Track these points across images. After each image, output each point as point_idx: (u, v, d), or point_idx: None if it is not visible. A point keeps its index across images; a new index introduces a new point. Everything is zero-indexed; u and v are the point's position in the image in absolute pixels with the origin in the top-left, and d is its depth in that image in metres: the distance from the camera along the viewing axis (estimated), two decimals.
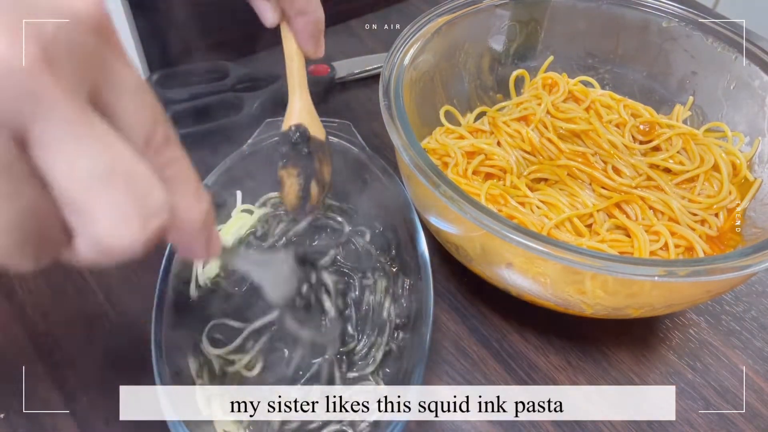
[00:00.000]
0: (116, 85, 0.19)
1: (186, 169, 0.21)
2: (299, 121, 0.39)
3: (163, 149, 0.20)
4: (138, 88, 0.20)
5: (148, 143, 0.20)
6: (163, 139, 0.20)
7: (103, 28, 0.18)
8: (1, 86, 0.16)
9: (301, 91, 0.40)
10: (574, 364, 0.45)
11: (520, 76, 0.58)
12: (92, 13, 0.18)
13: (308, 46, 0.39)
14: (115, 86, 0.19)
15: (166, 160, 0.20)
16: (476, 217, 0.36)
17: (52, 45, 0.17)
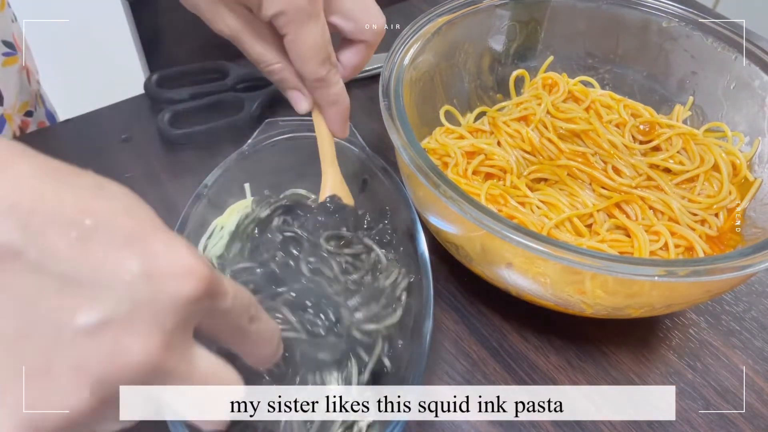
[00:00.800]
0: (216, 313, 0.24)
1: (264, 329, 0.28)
2: (333, 192, 0.45)
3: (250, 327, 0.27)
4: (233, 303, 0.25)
5: (238, 331, 0.27)
6: (248, 321, 0.27)
7: (209, 293, 0.23)
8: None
9: (332, 166, 0.45)
10: (574, 364, 0.45)
11: (520, 76, 0.58)
12: (200, 292, 0.22)
13: (338, 130, 0.45)
14: (215, 314, 0.24)
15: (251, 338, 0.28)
16: (476, 217, 0.36)
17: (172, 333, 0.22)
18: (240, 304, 0.26)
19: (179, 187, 0.55)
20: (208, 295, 0.23)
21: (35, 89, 0.67)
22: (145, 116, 0.60)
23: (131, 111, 0.61)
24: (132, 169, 0.56)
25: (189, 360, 0.23)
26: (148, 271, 0.21)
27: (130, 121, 0.60)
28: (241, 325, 0.26)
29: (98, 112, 0.61)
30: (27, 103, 0.64)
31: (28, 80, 0.65)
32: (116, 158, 0.57)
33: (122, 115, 0.61)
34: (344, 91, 0.43)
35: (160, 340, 0.21)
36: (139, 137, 0.59)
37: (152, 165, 0.56)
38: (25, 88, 0.64)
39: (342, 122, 0.44)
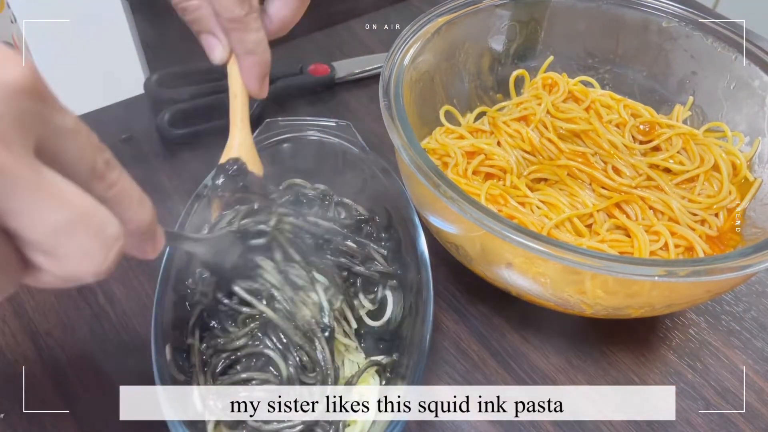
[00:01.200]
0: (56, 133, 0.21)
1: (128, 184, 0.25)
2: (238, 155, 0.41)
3: (106, 173, 0.23)
4: (75, 129, 0.22)
5: (93, 172, 0.23)
6: (104, 164, 0.23)
7: (36, 89, 0.20)
8: None
9: (242, 126, 0.41)
10: (574, 364, 0.45)
11: (520, 76, 0.58)
12: (25, 80, 0.20)
13: (253, 86, 0.40)
14: (56, 134, 0.21)
15: (110, 182, 0.23)
16: (476, 217, 0.36)
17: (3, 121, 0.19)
18: (87, 135, 0.23)
19: (179, 187, 0.55)
20: (36, 91, 0.20)
21: None
22: (145, 116, 0.60)
23: (131, 111, 0.61)
24: (132, 169, 0.55)
25: (35, 168, 0.20)
26: None
27: (130, 121, 0.60)
28: (96, 164, 0.23)
29: (98, 112, 0.61)
30: None
31: None
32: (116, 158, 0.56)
33: (122, 115, 0.61)
34: (265, 42, 0.39)
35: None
36: (139, 137, 0.59)
37: (152, 165, 0.56)
38: None
39: (258, 77, 0.40)
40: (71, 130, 0.22)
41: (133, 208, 0.25)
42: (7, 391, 0.41)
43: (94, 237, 0.21)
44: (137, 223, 0.25)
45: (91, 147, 0.23)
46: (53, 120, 0.21)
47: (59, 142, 0.21)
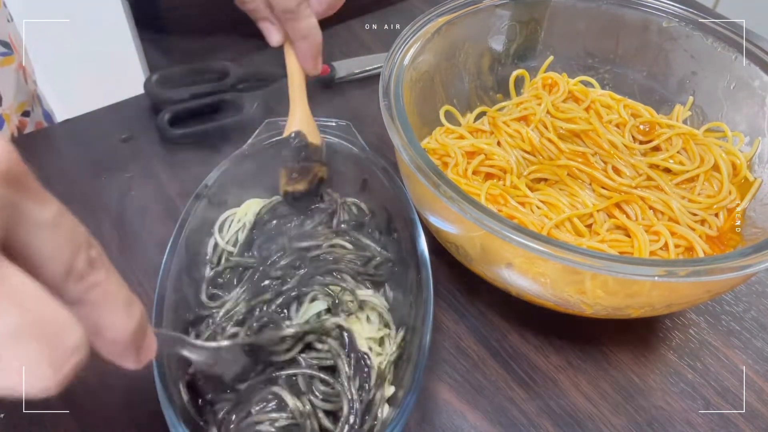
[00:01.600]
0: (31, 224, 0.19)
1: (113, 287, 0.21)
2: (299, 128, 0.45)
3: (87, 274, 0.20)
4: (55, 223, 0.20)
5: (69, 273, 0.20)
6: (86, 264, 0.20)
7: (13, 175, 0.18)
8: None
9: (301, 102, 0.46)
10: (574, 364, 0.45)
11: (520, 76, 0.58)
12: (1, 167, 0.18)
13: (309, 66, 0.45)
14: (30, 226, 0.19)
15: (89, 284, 0.21)
16: (476, 217, 0.36)
17: None
18: (69, 227, 0.20)
19: (179, 187, 0.55)
20: (12, 179, 0.18)
21: (32, 89, 0.67)
22: (145, 116, 0.60)
23: (131, 111, 0.61)
24: (132, 169, 0.56)
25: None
26: None
27: (130, 121, 0.60)
28: (75, 263, 0.20)
29: (98, 112, 0.61)
30: (24, 103, 0.64)
31: (25, 80, 0.65)
32: (116, 158, 0.57)
33: (122, 115, 0.61)
34: (316, 26, 0.43)
35: None
36: (139, 137, 0.59)
37: (152, 165, 0.56)
38: (23, 88, 0.63)
39: (313, 57, 0.44)
40: (49, 224, 0.19)
41: (115, 314, 0.22)
42: None
43: (46, 347, 0.18)
44: (118, 331, 0.22)
45: (71, 244, 0.20)
46: (28, 212, 0.19)
47: (32, 236, 0.19)
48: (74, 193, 0.53)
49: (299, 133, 0.45)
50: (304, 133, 0.45)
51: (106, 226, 0.51)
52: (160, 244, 0.50)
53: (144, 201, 0.53)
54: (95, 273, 0.21)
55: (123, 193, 0.54)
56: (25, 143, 0.59)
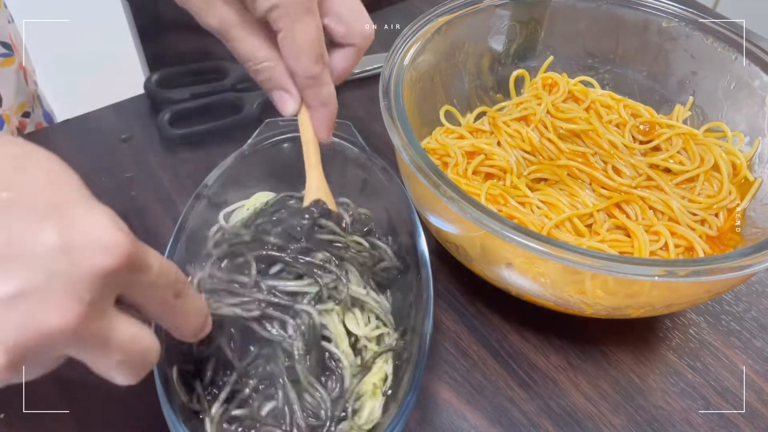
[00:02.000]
0: (138, 287, 0.26)
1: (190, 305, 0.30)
2: (318, 197, 0.44)
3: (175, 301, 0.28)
4: (157, 277, 0.26)
5: (162, 305, 0.28)
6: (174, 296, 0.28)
7: (128, 266, 0.24)
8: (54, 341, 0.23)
9: (318, 171, 0.44)
10: (574, 364, 0.45)
11: (520, 76, 0.58)
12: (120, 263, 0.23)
13: (324, 134, 0.44)
14: (137, 287, 0.26)
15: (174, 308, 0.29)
16: (476, 217, 0.36)
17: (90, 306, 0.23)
18: (165, 279, 0.27)
19: (179, 187, 0.55)
20: (128, 268, 0.24)
21: (33, 90, 0.67)
22: (145, 116, 0.60)
23: (131, 111, 0.61)
24: (132, 169, 0.56)
25: (107, 329, 0.24)
26: (66, 244, 0.22)
27: (130, 121, 0.60)
28: (166, 299, 0.28)
29: (98, 112, 0.61)
30: (24, 104, 0.64)
31: (26, 81, 0.65)
32: (116, 158, 0.57)
33: (122, 115, 0.61)
34: (335, 93, 0.42)
35: (76, 310, 0.22)
36: (139, 137, 0.59)
37: (152, 165, 0.56)
38: (23, 89, 0.63)
39: (329, 126, 0.44)
40: (151, 283, 0.26)
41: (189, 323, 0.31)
42: (7, 391, 0.41)
43: (134, 367, 0.26)
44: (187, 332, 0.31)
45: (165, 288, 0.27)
46: (138, 280, 0.25)
47: (137, 291, 0.26)
48: None
49: (319, 201, 0.43)
50: (324, 200, 0.43)
51: None
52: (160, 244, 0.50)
53: (144, 201, 0.53)
54: (177, 300, 0.29)
55: (123, 193, 0.54)
56: None
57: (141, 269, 0.25)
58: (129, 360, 0.26)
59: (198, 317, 0.31)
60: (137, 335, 0.26)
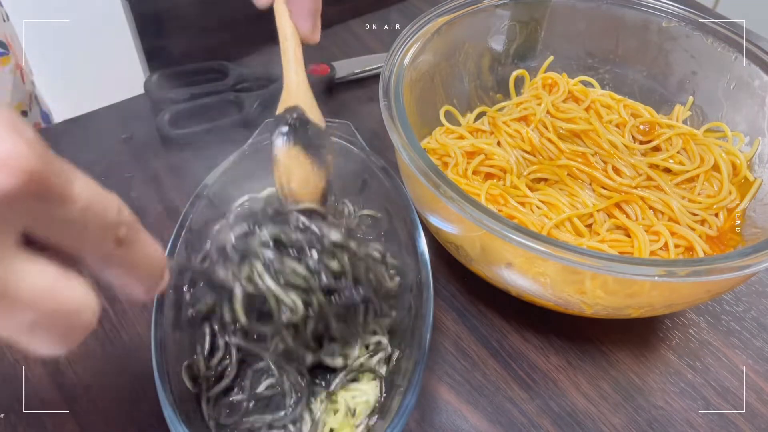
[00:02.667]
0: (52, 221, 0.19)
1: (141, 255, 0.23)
2: (296, 102, 0.35)
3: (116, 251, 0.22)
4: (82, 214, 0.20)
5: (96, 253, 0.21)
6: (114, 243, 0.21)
7: (32, 189, 0.18)
8: None
9: (297, 70, 0.36)
10: (574, 364, 0.45)
11: (520, 76, 0.58)
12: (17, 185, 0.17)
13: (305, 26, 0.36)
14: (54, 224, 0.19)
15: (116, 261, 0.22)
16: (476, 217, 0.36)
17: None
18: (99, 217, 0.20)
19: (179, 187, 0.55)
20: (33, 193, 0.18)
21: (29, 90, 0.67)
22: (145, 116, 0.60)
23: (131, 111, 0.61)
24: (132, 169, 0.56)
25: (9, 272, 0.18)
26: None
27: (130, 121, 0.60)
28: (103, 246, 0.21)
29: (98, 112, 0.61)
30: (21, 104, 0.64)
31: (22, 80, 0.64)
32: (116, 158, 0.57)
33: (122, 115, 0.61)
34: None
35: None
36: (139, 137, 0.59)
37: (152, 165, 0.56)
38: (19, 88, 0.63)
39: (311, 15, 0.36)
40: (74, 221, 0.20)
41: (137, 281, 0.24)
42: (7, 391, 0.41)
43: (59, 331, 0.20)
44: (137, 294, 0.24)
45: (98, 231, 0.21)
46: (52, 214, 0.19)
47: (56, 230, 0.20)
48: None
49: (296, 108, 0.34)
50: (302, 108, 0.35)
51: None
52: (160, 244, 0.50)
53: (144, 201, 0.53)
54: (122, 250, 0.22)
55: (123, 194, 0.54)
56: None
57: (55, 198, 0.19)
58: (45, 321, 0.19)
59: (151, 270, 0.24)
60: (55, 287, 0.19)
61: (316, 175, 0.35)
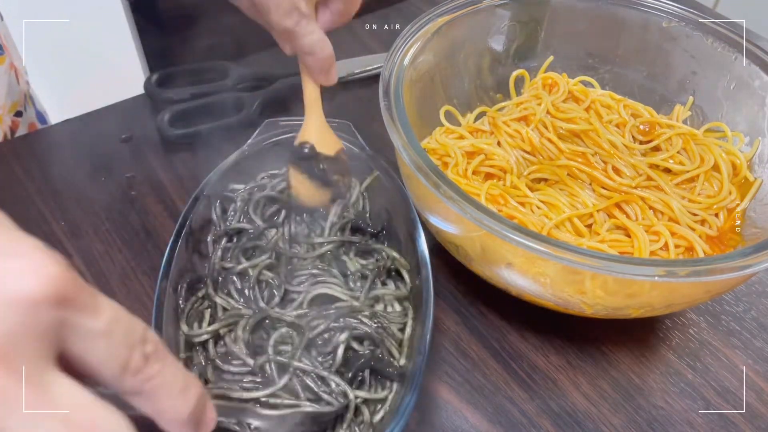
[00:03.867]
0: (83, 336, 0.20)
1: (170, 375, 0.23)
2: (308, 139, 0.45)
3: (143, 368, 0.22)
4: (108, 330, 0.21)
5: (125, 370, 0.21)
6: (142, 359, 0.22)
7: (61, 297, 0.19)
8: None
9: (315, 112, 0.45)
10: (574, 364, 0.45)
11: (520, 76, 0.58)
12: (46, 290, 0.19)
13: (320, 79, 0.43)
14: (84, 338, 0.20)
15: (147, 376, 0.22)
16: (476, 217, 0.36)
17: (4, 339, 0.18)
18: (124, 330, 0.21)
19: (179, 187, 0.55)
20: (61, 299, 0.19)
21: (24, 89, 0.66)
22: (145, 116, 0.60)
23: (131, 111, 0.61)
24: (132, 169, 0.56)
25: (44, 389, 0.19)
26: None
27: (130, 121, 0.60)
28: (131, 360, 0.21)
29: (98, 112, 0.61)
30: (17, 103, 0.64)
31: (17, 80, 0.64)
32: (116, 158, 0.57)
33: (122, 115, 0.61)
34: (322, 39, 0.41)
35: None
36: (139, 137, 0.59)
37: (152, 165, 0.56)
38: (14, 88, 0.63)
39: (323, 71, 0.43)
40: (102, 333, 0.20)
41: (172, 400, 0.23)
42: None
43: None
44: (174, 416, 0.23)
45: (127, 344, 0.21)
46: (81, 324, 0.20)
47: (87, 345, 0.20)
48: (74, 193, 0.53)
49: (307, 143, 0.45)
50: (314, 142, 0.45)
51: (106, 226, 0.51)
52: (161, 243, 0.50)
53: (144, 201, 0.53)
54: (152, 366, 0.22)
55: (123, 193, 0.54)
56: (24, 143, 0.59)
57: (84, 308, 0.20)
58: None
59: (184, 396, 0.23)
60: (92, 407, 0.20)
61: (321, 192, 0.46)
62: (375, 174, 0.47)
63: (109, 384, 0.21)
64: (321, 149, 0.45)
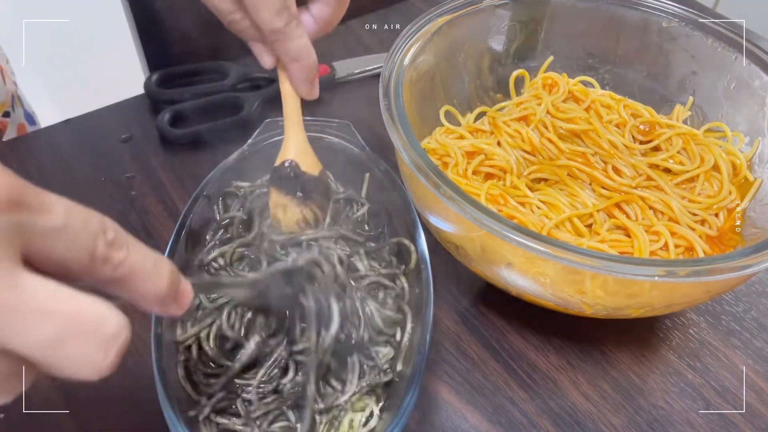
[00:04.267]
0: (43, 235, 0.20)
1: (138, 257, 0.23)
2: (292, 158, 0.43)
3: (110, 255, 0.22)
4: (63, 225, 0.21)
5: (93, 260, 0.22)
6: (106, 246, 0.22)
7: (12, 201, 0.19)
8: None
9: (297, 129, 0.42)
10: (574, 364, 0.45)
11: (520, 76, 0.58)
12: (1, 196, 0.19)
13: (303, 90, 0.41)
14: (43, 236, 0.20)
15: (116, 263, 0.22)
16: (476, 217, 0.36)
17: None
18: (81, 222, 0.21)
19: (179, 187, 0.55)
20: (13, 204, 0.19)
21: (12, 90, 0.66)
22: (145, 116, 0.60)
23: (131, 111, 0.61)
24: (132, 169, 0.56)
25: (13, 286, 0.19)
26: None
27: (130, 121, 0.60)
28: (95, 250, 0.21)
29: (98, 112, 0.61)
30: (4, 104, 0.63)
31: (3, 80, 0.64)
32: (116, 158, 0.57)
33: (122, 115, 0.61)
34: (308, 46, 0.39)
35: None
36: (139, 137, 0.59)
37: (152, 165, 0.56)
38: (1, 89, 0.63)
39: (307, 81, 0.40)
40: (59, 227, 0.21)
41: (147, 281, 0.24)
42: None
43: (89, 342, 0.20)
44: (153, 294, 0.24)
45: (87, 235, 0.21)
46: (37, 224, 0.20)
47: (48, 243, 0.21)
48: (74, 193, 0.53)
49: (291, 161, 0.42)
50: (297, 162, 0.42)
51: None
52: (161, 243, 0.50)
53: (144, 201, 0.53)
54: (118, 251, 0.22)
55: (123, 193, 0.54)
56: (23, 144, 0.59)
57: (38, 208, 0.20)
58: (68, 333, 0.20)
59: (156, 275, 0.24)
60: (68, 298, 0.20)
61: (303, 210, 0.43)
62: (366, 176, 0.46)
63: (82, 277, 0.22)
64: (305, 168, 0.43)
